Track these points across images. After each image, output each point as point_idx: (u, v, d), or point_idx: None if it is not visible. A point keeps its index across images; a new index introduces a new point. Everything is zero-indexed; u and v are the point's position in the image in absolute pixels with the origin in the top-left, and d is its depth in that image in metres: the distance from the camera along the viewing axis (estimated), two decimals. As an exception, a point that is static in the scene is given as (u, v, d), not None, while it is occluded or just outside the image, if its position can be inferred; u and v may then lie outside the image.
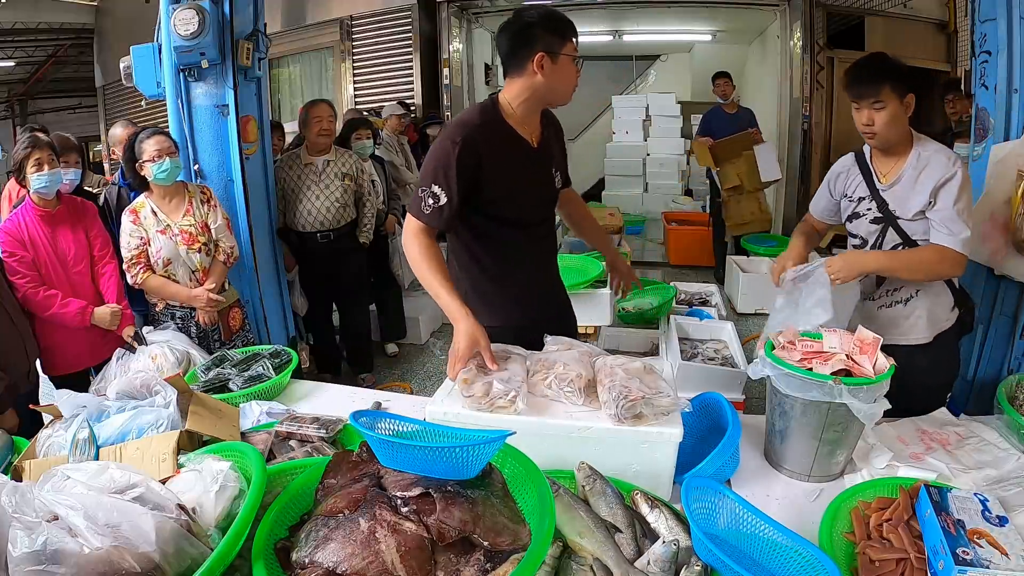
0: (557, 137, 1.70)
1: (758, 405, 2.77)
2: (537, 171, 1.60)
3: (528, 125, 1.55)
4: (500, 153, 1.49)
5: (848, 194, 1.74)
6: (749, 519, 0.94)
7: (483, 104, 1.56)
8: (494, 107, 1.52)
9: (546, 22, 1.44)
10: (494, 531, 0.82)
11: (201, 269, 2.42)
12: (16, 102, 11.03)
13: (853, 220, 1.72)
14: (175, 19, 2.62)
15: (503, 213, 1.55)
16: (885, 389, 1.16)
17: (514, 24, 1.46)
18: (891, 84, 1.51)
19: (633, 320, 3.13)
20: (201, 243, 2.40)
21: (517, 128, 1.53)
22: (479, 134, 1.45)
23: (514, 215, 1.57)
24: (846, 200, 1.75)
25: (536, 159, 1.58)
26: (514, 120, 1.52)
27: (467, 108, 1.66)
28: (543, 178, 1.63)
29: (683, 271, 5.49)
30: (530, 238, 1.64)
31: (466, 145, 1.42)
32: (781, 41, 5.66)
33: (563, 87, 1.50)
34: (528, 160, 1.55)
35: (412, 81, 5.97)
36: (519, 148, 1.53)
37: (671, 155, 7.60)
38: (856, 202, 1.70)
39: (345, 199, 3.26)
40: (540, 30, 1.43)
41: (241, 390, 1.59)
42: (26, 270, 2.15)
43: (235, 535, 0.79)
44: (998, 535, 0.90)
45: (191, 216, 2.40)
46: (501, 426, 1.06)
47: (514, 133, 1.53)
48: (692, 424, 1.25)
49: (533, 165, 1.57)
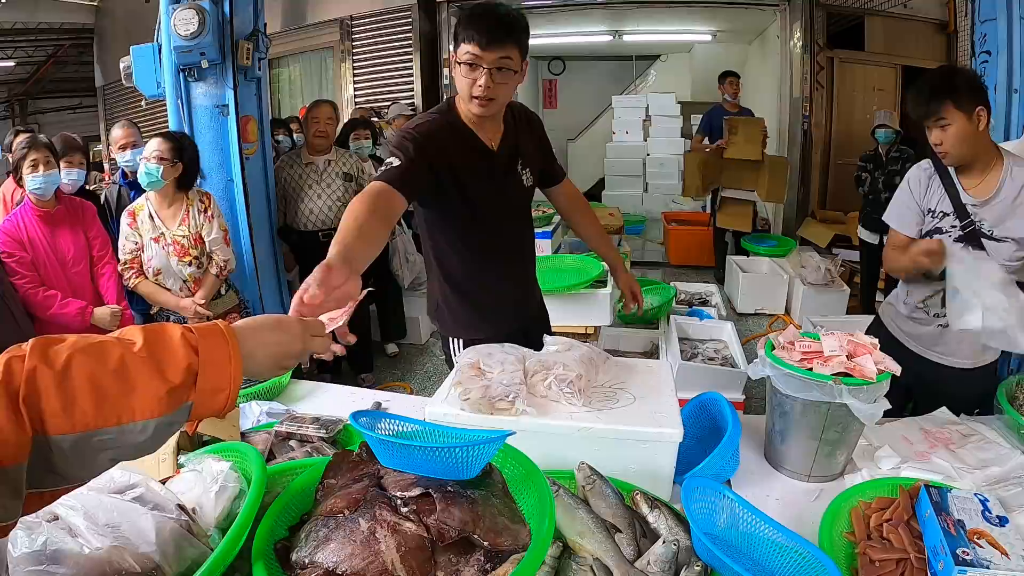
0: (531, 132, 1.61)
1: (758, 405, 2.77)
2: (496, 174, 1.53)
3: (485, 126, 1.49)
4: (455, 154, 1.44)
5: (931, 208, 1.58)
6: (749, 519, 0.94)
7: (439, 105, 1.53)
8: (450, 109, 1.49)
9: (459, 22, 1.36)
10: (494, 531, 0.82)
11: (192, 280, 2.42)
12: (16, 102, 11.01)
13: (933, 235, 1.57)
14: (175, 19, 2.62)
15: (461, 221, 1.52)
16: (885, 389, 1.16)
17: None
18: (953, 100, 1.44)
19: (633, 320, 3.13)
20: (192, 256, 2.39)
21: (474, 129, 1.48)
22: (436, 127, 1.42)
23: (473, 221, 1.52)
24: (929, 216, 1.59)
25: (495, 161, 1.51)
26: (470, 121, 1.47)
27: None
28: (505, 181, 1.55)
29: (683, 271, 5.49)
30: (496, 245, 1.58)
31: (425, 130, 1.40)
32: (781, 41, 5.67)
33: (459, 90, 1.41)
34: (485, 162, 1.49)
35: (412, 81, 5.97)
36: (474, 150, 1.48)
37: (671, 155, 7.61)
38: (939, 217, 1.56)
39: (346, 199, 3.27)
40: (456, 30, 1.37)
41: (241, 390, 1.59)
42: (25, 271, 2.15)
43: (235, 535, 0.79)
44: (998, 535, 0.90)
45: (186, 226, 2.39)
46: (501, 427, 1.06)
47: (469, 134, 1.48)
48: (692, 424, 1.26)
49: (491, 167, 1.51)
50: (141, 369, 0.60)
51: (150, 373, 0.60)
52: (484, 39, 1.32)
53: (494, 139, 1.51)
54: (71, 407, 0.56)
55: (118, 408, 0.58)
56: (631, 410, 1.17)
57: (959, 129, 1.45)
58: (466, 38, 1.33)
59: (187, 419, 0.63)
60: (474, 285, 1.60)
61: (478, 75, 1.35)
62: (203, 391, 0.63)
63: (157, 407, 0.60)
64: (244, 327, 0.71)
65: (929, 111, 1.47)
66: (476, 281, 1.60)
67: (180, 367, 0.61)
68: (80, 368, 0.57)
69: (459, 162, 1.45)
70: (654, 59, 8.78)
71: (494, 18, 1.33)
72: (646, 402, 1.19)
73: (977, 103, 1.44)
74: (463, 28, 1.34)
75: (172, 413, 0.61)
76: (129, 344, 0.61)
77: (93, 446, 0.58)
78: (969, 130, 1.45)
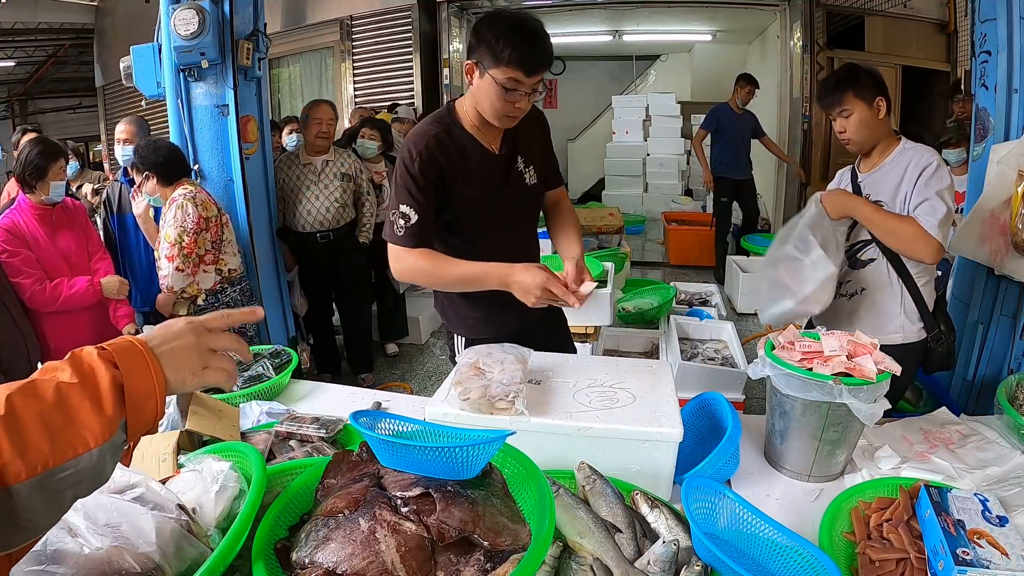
0: (534, 128, 1.57)
1: (758, 405, 2.78)
2: (499, 176, 1.50)
3: (486, 130, 1.46)
4: (457, 162, 1.42)
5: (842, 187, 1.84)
6: (749, 519, 0.94)
7: (439, 111, 1.50)
8: (449, 114, 1.46)
9: (488, 32, 1.30)
10: (494, 531, 0.82)
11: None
12: (16, 102, 11.02)
13: None
14: (175, 19, 2.62)
15: (466, 227, 1.49)
16: (885, 389, 1.16)
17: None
18: (853, 90, 1.63)
19: (633, 320, 3.13)
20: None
21: (474, 133, 1.45)
22: (435, 143, 1.40)
23: (479, 227, 1.50)
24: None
25: (496, 163, 1.49)
26: (470, 125, 1.45)
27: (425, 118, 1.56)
28: (507, 181, 1.52)
29: (683, 271, 5.49)
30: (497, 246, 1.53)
31: (423, 157, 1.38)
32: (781, 41, 5.67)
33: (484, 105, 1.37)
34: (486, 166, 1.47)
35: (412, 81, 5.98)
36: (475, 156, 1.45)
37: (671, 155, 7.62)
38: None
39: (344, 199, 3.27)
40: (480, 37, 1.32)
41: (241, 390, 1.59)
42: (31, 269, 2.15)
43: (235, 535, 0.79)
44: (998, 535, 0.90)
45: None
46: (501, 426, 1.06)
47: (470, 138, 1.45)
48: (692, 424, 1.26)
49: (494, 170, 1.49)
50: (79, 397, 0.59)
51: (87, 399, 0.59)
52: (529, 67, 1.29)
53: (495, 141, 1.50)
54: (25, 449, 0.54)
55: (71, 440, 0.57)
56: (631, 410, 1.17)
57: (860, 116, 1.65)
58: (511, 62, 1.28)
59: (126, 437, 0.62)
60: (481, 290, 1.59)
61: (517, 99, 1.33)
62: (132, 402, 0.62)
63: (102, 430, 0.59)
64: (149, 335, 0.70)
65: (833, 101, 1.67)
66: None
67: (108, 385, 0.61)
68: (24, 408, 0.56)
69: (461, 170, 1.44)
70: (654, 59, 8.79)
71: (541, 46, 1.30)
72: (646, 402, 1.19)
73: (877, 93, 1.63)
74: (505, 49, 1.27)
75: (115, 434, 0.60)
76: (57, 376, 0.60)
77: (56, 485, 0.56)
78: (869, 117, 1.64)
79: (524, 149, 1.54)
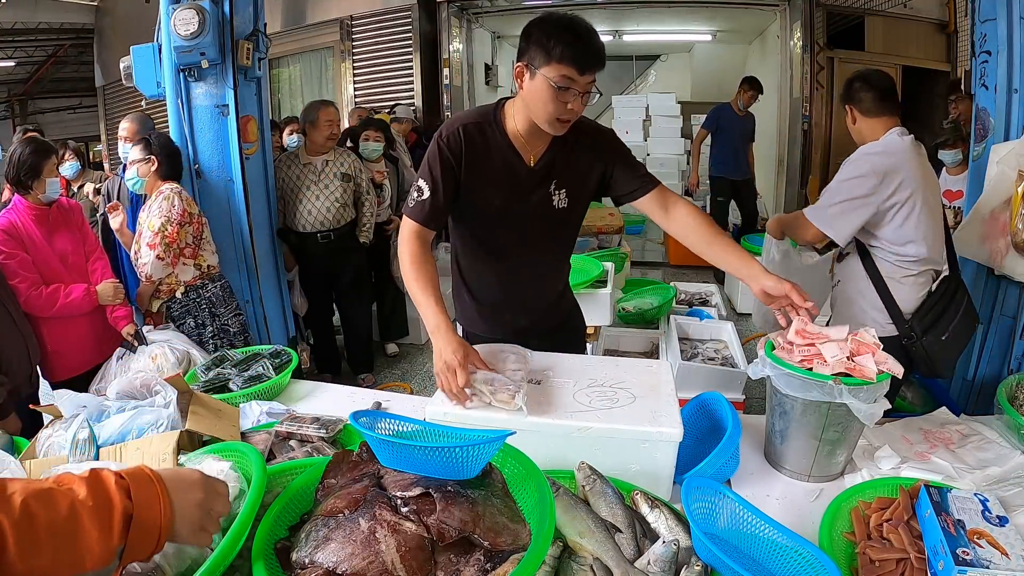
0: (588, 148, 1.46)
1: (758, 405, 2.77)
2: (524, 189, 1.44)
3: (532, 140, 1.41)
4: (485, 165, 1.39)
5: None
6: (749, 519, 0.94)
7: (485, 106, 1.47)
8: (496, 111, 1.42)
9: (539, 32, 1.27)
10: (494, 531, 0.82)
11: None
12: (16, 102, 11.03)
13: None
14: (175, 19, 2.62)
15: (477, 226, 1.48)
16: (885, 389, 1.16)
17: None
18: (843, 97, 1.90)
19: (633, 320, 3.13)
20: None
21: (514, 138, 1.40)
22: (466, 132, 1.38)
23: (491, 230, 1.48)
24: None
25: (527, 177, 1.43)
26: (512, 129, 1.40)
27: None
28: (531, 199, 1.45)
29: (683, 271, 5.49)
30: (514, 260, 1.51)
31: (451, 139, 1.38)
32: (781, 41, 5.67)
33: (536, 108, 1.31)
34: (515, 178, 1.42)
35: (412, 81, 5.98)
36: (508, 164, 1.41)
37: (671, 155, 7.61)
38: None
39: (344, 199, 3.26)
40: (531, 38, 1.28)
41: (241, 390, 1.59)
42: (26, 272, 2.13)
43: (235, 535, 0.78)
44: (998, 535, 0.90)
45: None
46: (501, 426, 1.06)
47: (508, 146, 1.40)
48: (692, 424, 1.26)
49: (520, 182, 1.43)
50: (90, 520, 0.59)
51: (97, 524, 0.59)
52: (582, 65, 1.25)
53: (535, 154, 1.43)
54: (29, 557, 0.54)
55: (72, 558, 0.57)
56: (631, 410, 1.17)
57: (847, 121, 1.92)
58: (563, 59, 1.24)
59: (119, 563, 0.62)
60: (476, 282, 1.59)
61: (570, 98, 1.28)
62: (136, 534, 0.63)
63: (101, 556, 0.59)
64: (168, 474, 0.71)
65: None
66: (478, 280, 1.59)
67: (119, 516, 0.61)
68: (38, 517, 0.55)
69: (488, 173, 1.41)
70: (654, 59, 8.79)
71: (594, 44, 1.27)
72: (646, 402, 1.19)
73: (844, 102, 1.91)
74: (558, 46, 1.24)
75: (112, 561, 0.61)
76: (74, 492, 0.60)
77: None
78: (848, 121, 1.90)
79: (561, 172, 1.46)
